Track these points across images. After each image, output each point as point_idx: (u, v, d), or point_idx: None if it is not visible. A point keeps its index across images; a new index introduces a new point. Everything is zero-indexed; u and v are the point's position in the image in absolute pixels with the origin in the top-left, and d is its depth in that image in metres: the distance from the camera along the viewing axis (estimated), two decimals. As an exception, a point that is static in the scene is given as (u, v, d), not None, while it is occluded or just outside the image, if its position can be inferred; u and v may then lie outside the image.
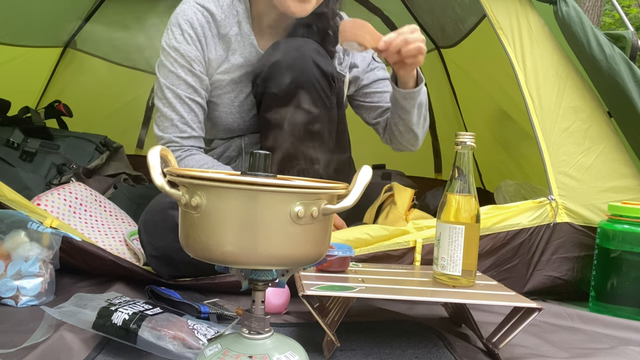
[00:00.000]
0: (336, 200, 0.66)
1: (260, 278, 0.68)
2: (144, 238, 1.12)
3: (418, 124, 1.32)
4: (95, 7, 2.30)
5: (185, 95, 1.22)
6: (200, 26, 1.23)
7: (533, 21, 1.33)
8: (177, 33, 1.22)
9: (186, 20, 1.22)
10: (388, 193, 1.50)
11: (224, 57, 1.26)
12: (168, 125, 1.22)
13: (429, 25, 2.21)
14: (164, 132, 1.22)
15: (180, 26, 1.22)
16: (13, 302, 1.01)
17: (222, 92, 1.28)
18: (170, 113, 1.22)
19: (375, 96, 1.39)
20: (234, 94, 1.29)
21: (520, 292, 1.18)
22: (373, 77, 1.39)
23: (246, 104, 1.30)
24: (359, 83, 1.38)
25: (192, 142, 1.23)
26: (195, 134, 1.24)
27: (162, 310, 0.85)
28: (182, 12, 1.24)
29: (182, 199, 0.63)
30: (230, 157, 1.35)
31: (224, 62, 1.27)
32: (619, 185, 1.30)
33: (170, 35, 1.23)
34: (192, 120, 1.23)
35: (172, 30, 1.23)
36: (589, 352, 0.94)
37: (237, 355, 0.65)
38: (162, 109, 1.23)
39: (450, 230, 0.92)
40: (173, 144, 1.22)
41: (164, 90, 1.22)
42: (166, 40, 1.23)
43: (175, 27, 1.23)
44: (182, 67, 1.22)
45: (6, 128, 1.79)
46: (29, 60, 2.08)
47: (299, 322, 1.00)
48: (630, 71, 1.23)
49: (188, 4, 1.25)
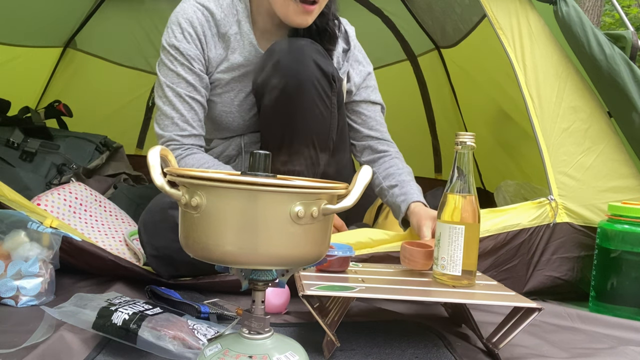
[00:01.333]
0: (336, 200, 0.66)
1: (260, 278, 0.68)
2: (144, 238, 1.12)
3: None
4: (95, 7, 2.30)
5: (185, 94, 1.22)
6: (200, 25, 1.23)
7: (533, 21, 1.33)
8: (177, 32, 1.22)
9: (186, 18, 1.23)
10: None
11: (224, 56, 1.27)
12: (168, 123, 1.22)
13: (429, 25, 2.22)
14: (164, 131, 1.22)
15: (180, 25, 1.23)
16: (13, 302, 1.01)
17: (221, 91, 1.28)
18: (171, 111, 1.22)
19: (360, 117, 1.37)
20: (234, 93, 1.29)
21: (520, 292, 1.18)
22: (365, 96, 1.37)
23: (246, 103, 1.30)
24: (351, 97, 1.37)
25: (192, 140, 1.23)
26: (196, 132, 1.24)
27: (162, 310, 0.85)
28: (182, 11, 1.24)
29: (182, 199, 0.63)
30: (229, 156, 1.35)
31: (223, 61, 1.27)
32: (619, 185, 1.30)
33: (170, 34, 1.23)
34: (193, 119, 1.23)
35: (172, 28, 1.23)
36: (589, 352, 0.94)
37: (237, 355, 0.65)
38: (162, 107, 1.23)
39: (450, 230, 0.92)
40: (173, 143, 1.22)
41: (164, 88, 1.22)
42: (166, 38, 1.24)
43: (175, 25, 1.23)
44: (182, 65, 1.22)
45: (6, 128, 1.79)
46: (29, 60, 2.08)
47: (299, 322, 1.00)
48: (630, 71, 1.23)
49: (188, 2, 1.25)
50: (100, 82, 2.44)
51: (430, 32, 2.24)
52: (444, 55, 2.22)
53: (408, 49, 2.41)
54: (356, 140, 1.39)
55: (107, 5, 2.32)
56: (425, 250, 0.99)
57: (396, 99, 2.05)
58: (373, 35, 2.05)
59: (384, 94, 1.42)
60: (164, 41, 1.24)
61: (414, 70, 2.44)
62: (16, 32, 1.88)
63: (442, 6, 1.95)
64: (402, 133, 2.25)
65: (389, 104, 1.43)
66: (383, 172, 1.32)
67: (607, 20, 7.18)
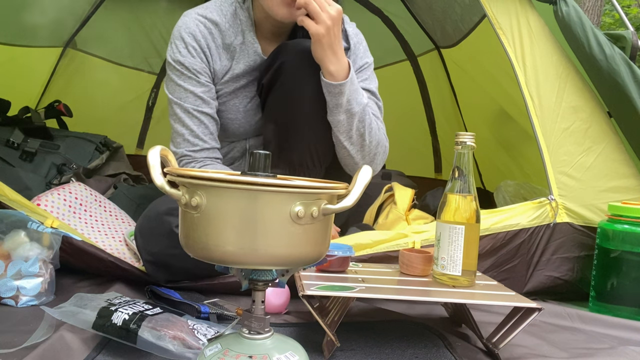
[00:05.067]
0: (336, 200, 0.66)
1: (260, 278, 0.68)
2: (140, 243, 1.12)
3: (348, 136, 1.21)
4: (95, 7, 2.30)
5: (193, 108, 1.22)
6: (203, 38, 1.23)
7: (533, 21, 1.33)
8: (181, 46, 1.22)
9: (189, 33, 1.23)
10: (388, 193, 1.50)
11: (229, 67, 1.27)
12: (180, 140, 1.22)
13: (429, 25, 2.22)
14: (177, 148, 1.23)
15: (184, 39, 1.22)
16: (13, 302, 1.01)
17: (226, 99, 1.28)
18: (181, 128, 1.22)
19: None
20: (239, 99, 1.29)
21: (520, 292, 1.18)
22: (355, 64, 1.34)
23: (251, 108, 1.30)
24: None
25: (205, 154, 1.23)
26: (208, 145, 1.23)
27: (162, 310, 0.85)
28: (184, 25, 1.24)
29: (182, 199, 0.63)
30: (234, 158, 1.36)
31: (228, 71, 1.27)
32: (619, 185, 1.30)
33: (174, 49, 1.23)
34: (203, 133, 1.23)
35: (175, 44, 1.23)
36: (589, 352, 0.94)
37: (237, 355, 0.65)
38: (174, 125, 1.23)
39: (450, 230, 0.92)
40: (186, 158, 1.22)
41: (173, 106, 1.23)
42: (170, 54, 1.24)
43: (179, 40, 1.23)
44: (189, 79, 1.22)
45: (6, 128, 1.79)
46: (29, 60, 2.08)
47: (299, 322, 1.00)
48: (630, 71, 1.23)
49: (189, 16, 1.25)
50: (100, 82, 2.43)
51: (430, 32, 2.24)
52: (444, 55, 2.22)
53: (408, 49, 2.41)
54: None
55: (107, 5, 2.32)
56: (423, 255, 0.99)
57: (396, 99, 2.05)
58: (373, 35, 2.04)
59: (384, 94, 1.41)
60: (169, 57, 1.24)
61: (414, 70, 2.44)
62: (16, 32, 1.88)
63: (442, 6, 1.95)
64: (402, 133, 2.26)
65: (388, 104, 1.43)
66: None
67: (607, 20, 7.18)
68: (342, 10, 1.19)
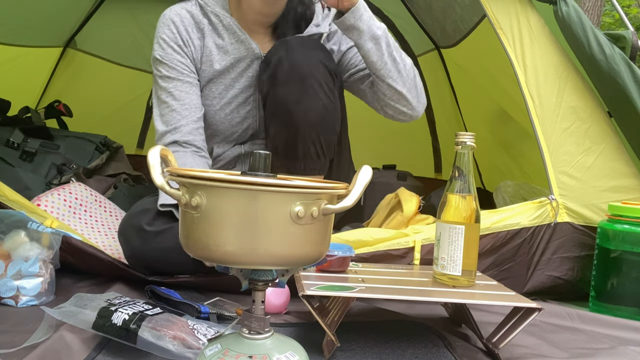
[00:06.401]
0: (336, 200, 0.66)
1: (260, 278, 0.68)
2: (120, 239, 1.16)
3: (383, 64, 1.21)
4: (95, 7, 2.30)
5: (178, 93, 1.26)
6: (184, 29, 1.28)
7: (533, 21, 1.33)
8: (162, 41, 1.27)
9: (167, 24, 1.28)
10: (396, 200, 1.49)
11: (211, 56, 1.29)
12: (167, 112, 1.26)
13: (429, 25, 2.21)
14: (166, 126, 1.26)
15: (162, 35, 1.28)
16: (13, 302, 1.01)
17: (209, 91, 1.31)
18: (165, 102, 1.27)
19: (347, 59, 1.36)
20: (223, 86, 1.31)
21: (520, 292, 1.18)
22: (345, 44, 1.37)
23: (236, 101, 1.31)
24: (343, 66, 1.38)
25: (189, 137, 1.25)
26: (193, 126, 1.26)
27: (162, 310, 0.85)
28: (162, 18, 1.29)
29: (182, 199, 0.63)
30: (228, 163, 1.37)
31: (212, 61, 1.29)
32: (619, 185, 1.30)
33: (156, 47, 1.29)
34: (188, 115, 1.26)
35: (157, 40, 1.29)
36: (589, 352, 0.94)
37: (237, 355, 0.65)
38: (157, 108, 1.28)
39: (450, 230, 0.92)
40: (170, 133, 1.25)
41: (158, 92, 1.28)
42: (153, 53, 1.29)
43: (160, 34, 1.28)
44: (172, 70, 1.27)
45: (6, 128, 1.79)
46: (29, 60, 2.08)
47: (299, 322, 1.00)
48: (630, 71, 1.23)
49: (169, 9, 1.30)
50: (100, 82, 2.43)
51: (430, 32, 2.23)
52: (444, 55, 2.22)
53: (408, 49, 2.41)
54: (361, 83, 1.34)
55: (107, 5, 2.32)
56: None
57: (396, 99, 2.04)
58: (373, 35, 2.05)
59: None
60: (152, 56, 1.30)
61: (414, 70, 2.44)
62: (16, 32, 1.88)
63: (442, 6, 1.95)
64: (402, 133, 2.26)
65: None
66: None
67: (607, 20, 7.18)
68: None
